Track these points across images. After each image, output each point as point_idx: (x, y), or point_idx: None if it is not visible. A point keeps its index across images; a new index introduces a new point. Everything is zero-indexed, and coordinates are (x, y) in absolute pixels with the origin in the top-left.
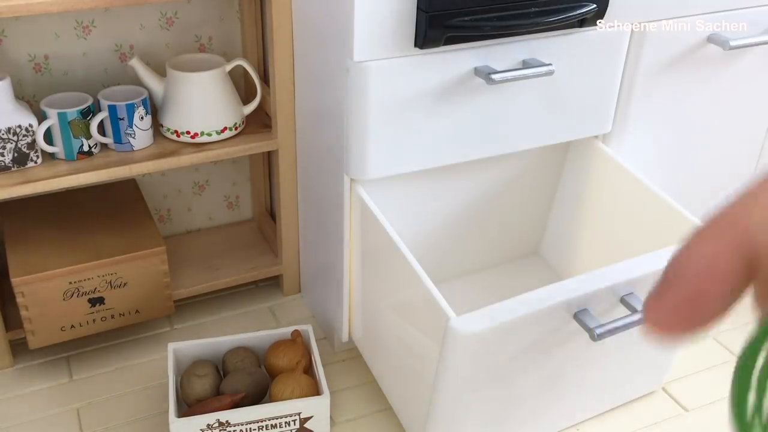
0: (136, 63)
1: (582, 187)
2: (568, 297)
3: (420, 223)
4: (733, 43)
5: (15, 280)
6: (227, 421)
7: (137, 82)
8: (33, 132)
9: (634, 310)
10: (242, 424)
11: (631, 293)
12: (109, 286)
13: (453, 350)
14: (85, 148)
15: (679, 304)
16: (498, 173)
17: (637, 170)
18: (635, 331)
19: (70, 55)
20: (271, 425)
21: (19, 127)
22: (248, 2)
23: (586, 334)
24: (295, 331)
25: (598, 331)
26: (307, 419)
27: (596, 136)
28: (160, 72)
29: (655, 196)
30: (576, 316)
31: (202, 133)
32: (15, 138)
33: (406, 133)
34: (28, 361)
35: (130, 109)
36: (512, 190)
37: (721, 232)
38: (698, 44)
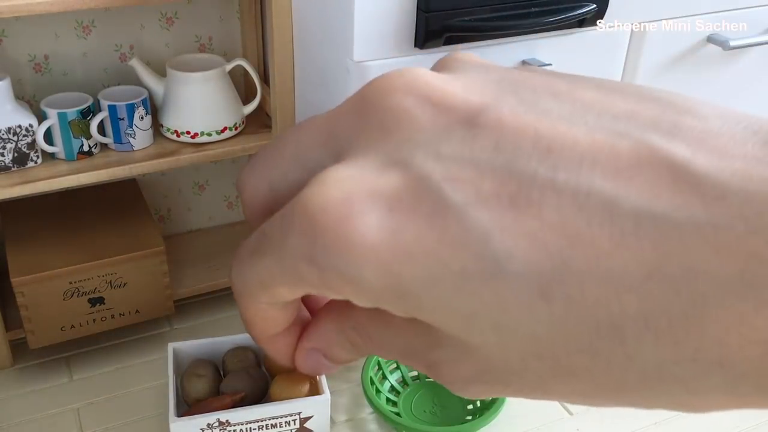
0: (136, 63)
1: None
2: None
3: None
4: (733, 43)
5: (15, 280)
6: (227, 421)
7: (137, 82)
8: (33, 132)
9: None
10: (242, 424)
11: None
12: (109, 286)
13: None
14: (85, 148)
15: None
16: None
17: None
18: None
19: (70, 55)
20: (271, 425)
21: (19, 127)
22: (248, 2)
23: None
24: None
25: None
26: (307, 419)
27: None
28: (160, 72)
29: None
30: None
31: (202, 133)
32: (15, 138)
33: None
34: (28, 361)
35: (130, 109)
36: None
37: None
38: (698, 44)
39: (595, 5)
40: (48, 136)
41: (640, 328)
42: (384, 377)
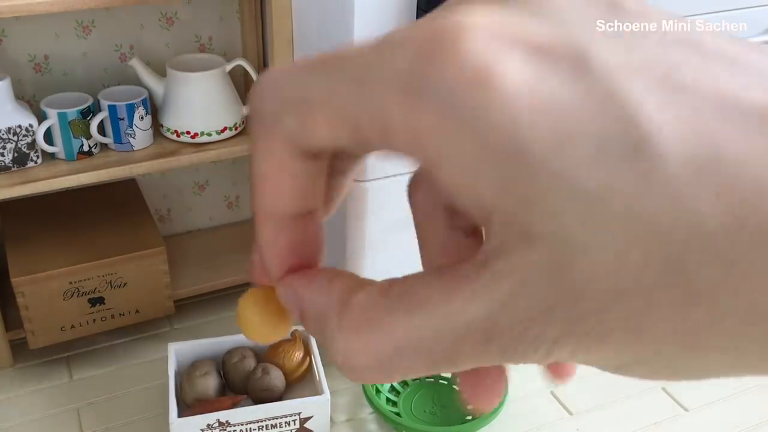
0: (136, 63)
1: None
2: None
3: None
4: None
5: (15, 280)
6: (227, 421)
7: (137, 82)
8: (33, 132)
9: None
10: (242, 424)
11: None
12: (109, 286)
13: None
14: (85, 148)
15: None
16: None
17: None
18: None
19: (70, 55)
20: (271, 425)
21: (19, 127)
22: (248, 2)
23: None
24: (296, 330)
25: None
26: (307, 419)
27: None
28: (160, 72)
29: None
30: None
31: (202, 133)
32: (15, 138)
33: None
34: (28, 361)
35: (130, 109)
36: None
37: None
38: None
39: None
40: (48, 136)
41: None
42: None
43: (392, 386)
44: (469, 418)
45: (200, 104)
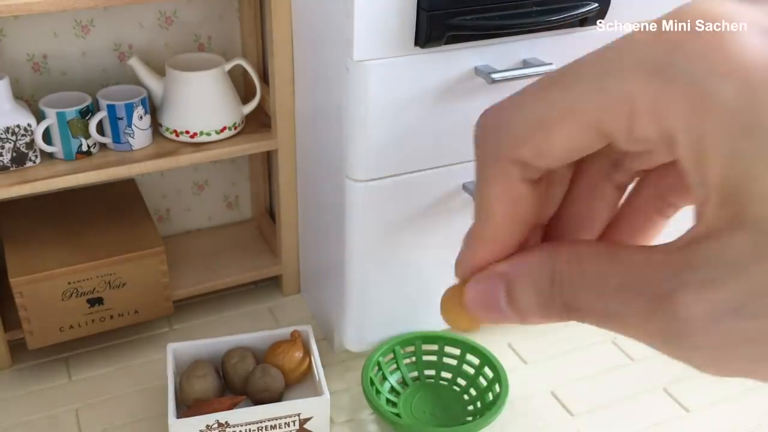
0: (135, 62)
1: None
2: None
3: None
4: None
5: (14, 281)
6: (227, 422)
7: (136, 81)
8: (31, 132)
9: None
10: (242, 425)
11: None
12: (108, 286)
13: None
14: (84, 148)
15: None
16: None
17: None
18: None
19: (68, 55)
20: (271, 426)
21: (18, 126)
22: (248, 2)
23: None
24: (295, 331)
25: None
26: (307, 420)
27: None
28: (159, 71)
29: None
30: None
31: (202, 133)
32: (13, 138)
33: (406, 133)
34: (26, 362)
35: (129, 109)
36: None
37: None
38: None
39: (597, 4)
40: (47, 136)
41: None
42: (384, 378)
43: (392, 387)
44: (470, 419)
45: (199, 104)
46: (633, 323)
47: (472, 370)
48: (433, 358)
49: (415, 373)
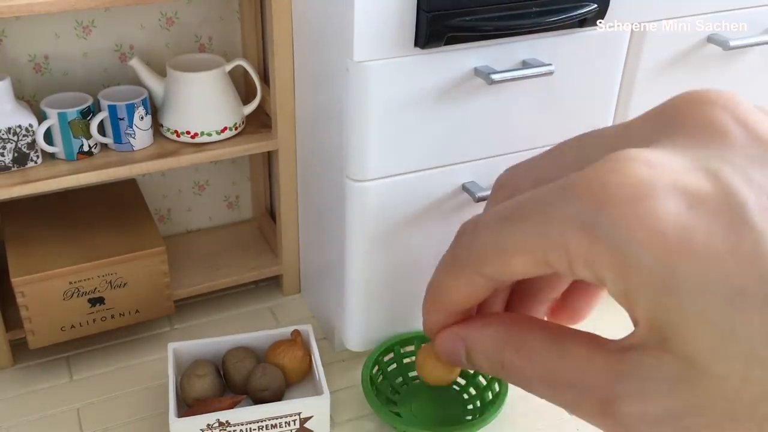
0: (136, 63)
1: None
2: None
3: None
4: (733, 43)
5: (15, 280)
6: (227, 421)
7: (137, 82)
8: (33, 132)
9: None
10: (242, 424)
11: None
12: (109, 286)
13: None
14: (85, 148)
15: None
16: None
17: None
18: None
19: (70, 55)
20: (271, 425)
21: (19, 127)
22: (248, 2)
23: None
24: (295, 331)
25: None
26: (307, 419)
27: None
28: (160, 72)
29: None
30: None
31: (202, 133)
32: (15, 138)
33: (406, 133)
34: (28, 361)
35: (130, 109)
36: None
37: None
38: (698, 44)
39: (596, 5)
40: (48, 136)
41: None
42: (384, 377)
43: (392, 387)
44: (469, 418)
45: (200, 104)
46: (587, 416)
47: (471, 369)
48: None
49: (415, 373)
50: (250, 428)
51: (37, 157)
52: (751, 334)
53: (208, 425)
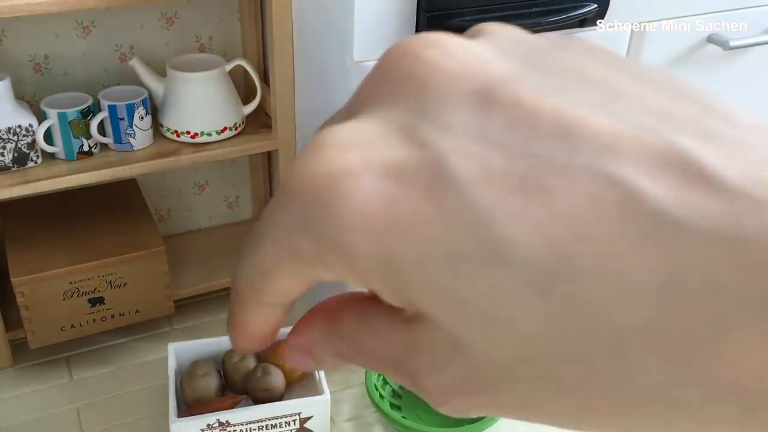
0: (136, 63)
1: None
2: None
3: None
4: (733, 43)
5: (15, 280)
6: (227, 421)
7: (137, 82)
8: (33, 132)
9: None
10: (242, 424)
11: None
12: (109, 286)
13: None
14: (85, 148)
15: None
16: None
17: None
18: None
19: (70, 55)
20: (271, 425)
21: (19, 127)
22: (248, 2)
23: None
24: None
25: None
26: (307, 419)
27: None
28: (160, 72)
29: None
30: None
31: (202, 133)
32: (15, 138)
33: None
34: (28, 361)
35: (130, 109)
36: None
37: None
38: (698, 44)
39: (596, 5)
40: (48, 136)
41: (647, 344)
42: (385, 381)
43: (393, 390)
44: (473, 418)
45: (200, 104)
46: (413, 389)
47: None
48: None
49: None
50: (250, 428)
51: (37, 157)
52: (479, 296)
53: (208, 425)
